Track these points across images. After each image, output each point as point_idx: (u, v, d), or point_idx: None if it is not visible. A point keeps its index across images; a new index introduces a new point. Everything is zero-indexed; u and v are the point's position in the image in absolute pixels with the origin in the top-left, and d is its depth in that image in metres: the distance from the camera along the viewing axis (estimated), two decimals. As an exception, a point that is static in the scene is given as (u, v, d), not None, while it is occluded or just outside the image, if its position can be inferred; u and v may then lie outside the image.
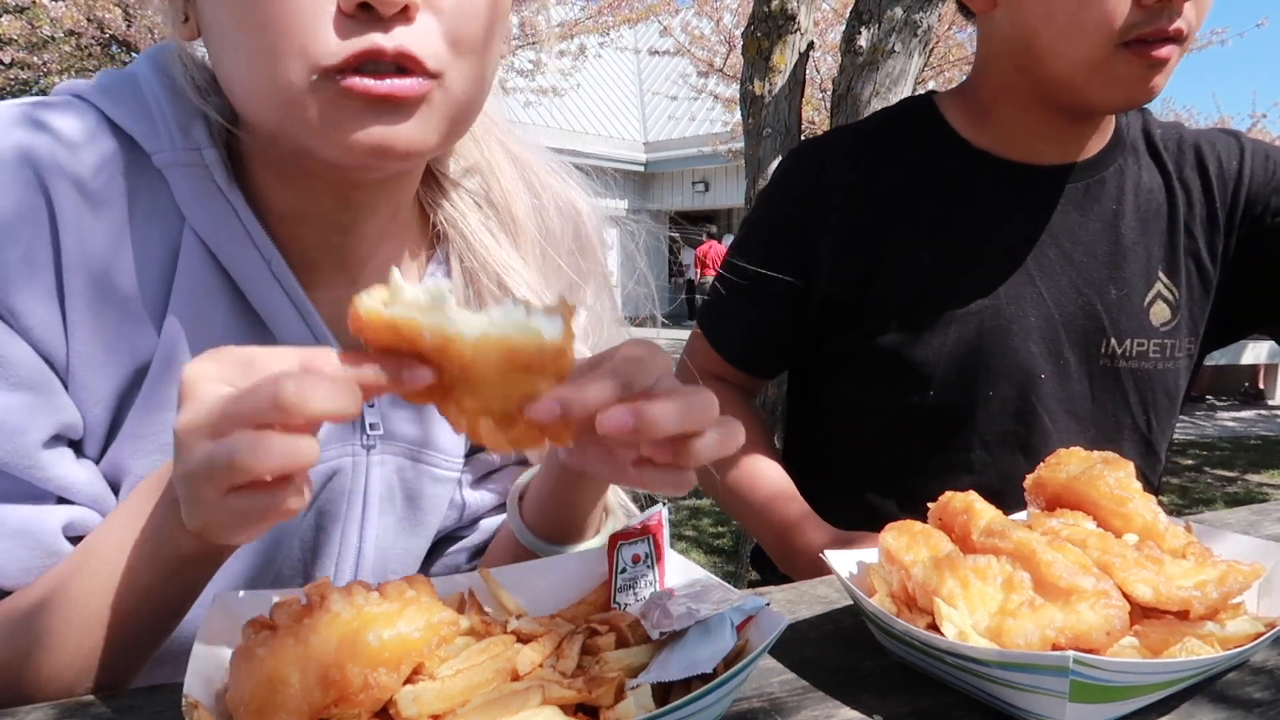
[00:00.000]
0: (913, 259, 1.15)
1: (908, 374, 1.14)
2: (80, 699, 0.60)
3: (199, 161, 0.70)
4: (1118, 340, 1.15)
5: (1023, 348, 1.13)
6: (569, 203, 0.89)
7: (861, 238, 1.16)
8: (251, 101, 0.66)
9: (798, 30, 3.00)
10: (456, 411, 0.53)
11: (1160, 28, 0.99)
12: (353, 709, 0.49)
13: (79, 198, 0.66)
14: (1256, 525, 1.04)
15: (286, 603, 0.53)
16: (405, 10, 0.61)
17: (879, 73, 2.69)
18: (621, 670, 0.54)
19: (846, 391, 1.22)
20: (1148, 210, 1.17)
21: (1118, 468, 0.74)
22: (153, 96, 0.71)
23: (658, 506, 0.70)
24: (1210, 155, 1.20)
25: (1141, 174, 1.18)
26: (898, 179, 1.17)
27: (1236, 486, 5.54)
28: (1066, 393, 1.15)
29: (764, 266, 1.19)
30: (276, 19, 0.60)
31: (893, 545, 0.69)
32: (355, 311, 0.49)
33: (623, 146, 20.77)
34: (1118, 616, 0.59)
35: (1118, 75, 1.03)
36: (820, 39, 8.27)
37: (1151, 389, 1.18)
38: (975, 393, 1.13)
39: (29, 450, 0.64)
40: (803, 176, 1.22)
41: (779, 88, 3.02)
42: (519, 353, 0.50)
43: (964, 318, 1.13)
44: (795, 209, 1.21)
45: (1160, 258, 1.17)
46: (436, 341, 0.50)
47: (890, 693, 0.63)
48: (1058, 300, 1.14)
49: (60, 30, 7.07)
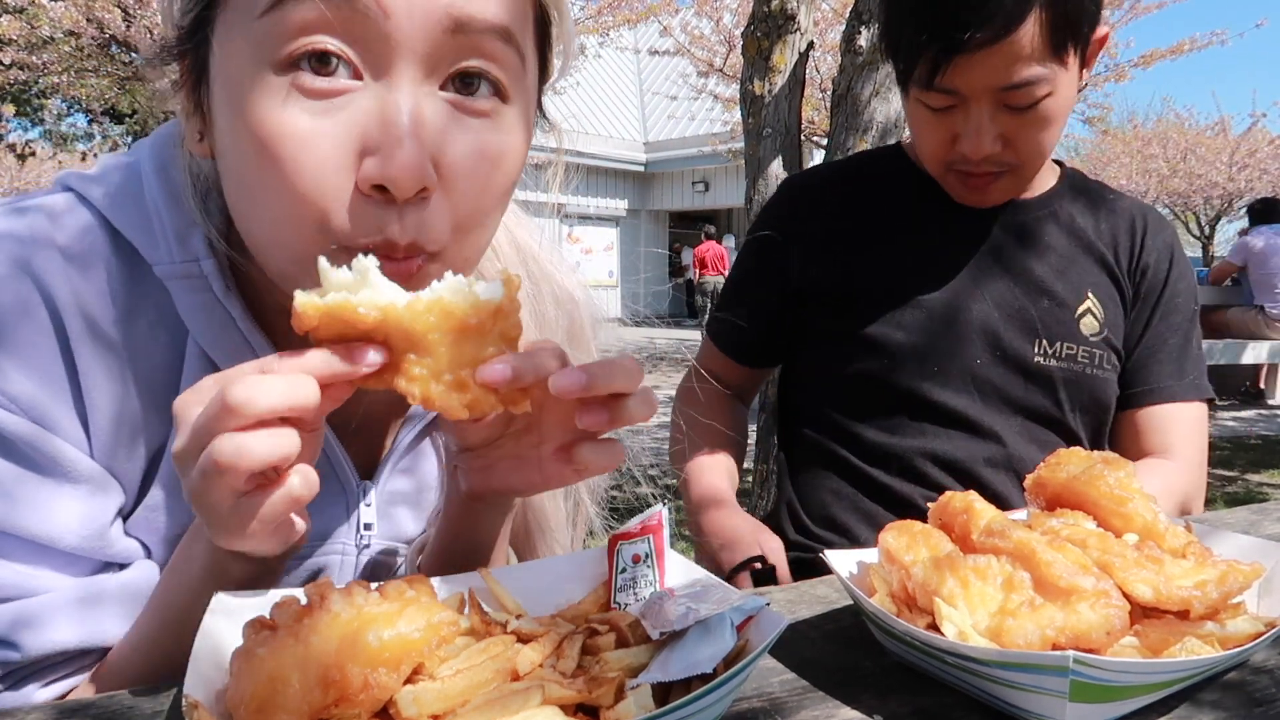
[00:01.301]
0: (877, 262, 1.35)
1: (870, 350, 1.32)
2: (80, 699, 0.60)
3: (197, 273, 0.70)
4: (1049, 341, 1.30)
5: (965, 335, 1.30)
6: (567, 294, 0.91)
7: (832, 248, 1.38)
8: (261, 249, 0.66)
9: (798, 30, 3.00)
10: (407, 382, 0.55)
11: (970, 170, 1.23)
12: (353, 709, 0.49)
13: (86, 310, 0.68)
14: (1256, 525, 1.04)
15: (286, 603, 0.53)
16: (422, 192, 0.60)
17: (879, 73, 2.69)
18: (621, 670, 0.54)
19: (822, 366, 1.40)
20: (1079, 245, 1.35)
21: (1118, 468, 0.74)
22: (153, 203, 0.71)
23: (658, 506, 0.70)
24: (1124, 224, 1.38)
25: (1075, 218, 1.37)
26: (867, 199, 1.40)
27: (1236, 486, 5.53)
28: (1001, 380, 1.30)
29: (751, 276, 1.46)
30: (291, 191, 0.60)
31: (893, 545, 0.69)
32: (295, 309, 0.53)
33: (623, 146, 20.78)
34: (1118, 616, 0.59)
35: (953, 188, 1.30)
36: (820, 39, 8.27)
37: (1080, 391, 1.31)
38: (925, 367, 1.30)
39: (100, 531, 0.69)
40: (779, 202, 1.48)
41: (779, 88, 3.02)
42: (454, 312, 0.53)
43: (917, 304, 1.32)
44: (764, 230, 1.46)
45: (1090, 282, 1.34)
46: (373, 315, 0.52)
47: (890, 693, 0.63)
48: (997, 301, 1.32)
49: (60, 30, 7.07)
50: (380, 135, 0.59)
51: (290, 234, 0.61)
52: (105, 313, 0.68)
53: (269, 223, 0.63)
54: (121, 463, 0.70)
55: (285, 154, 0.59)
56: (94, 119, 14.37)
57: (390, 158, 0.58)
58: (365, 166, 0.59)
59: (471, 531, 0.75)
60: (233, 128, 0.62)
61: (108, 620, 0.68)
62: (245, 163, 0.62)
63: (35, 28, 7.11)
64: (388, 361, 0.55)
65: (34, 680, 0.67)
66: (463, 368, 0.55)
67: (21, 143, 15.04)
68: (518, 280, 0.55)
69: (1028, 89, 1.14)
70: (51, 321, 0.67)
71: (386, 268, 0.59)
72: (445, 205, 0.63)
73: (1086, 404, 1.32)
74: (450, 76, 0.62)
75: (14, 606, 0.65)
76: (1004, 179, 1.25)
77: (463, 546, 0.75)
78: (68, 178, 0.73)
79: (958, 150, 1.21)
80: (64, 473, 0.67)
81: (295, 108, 0.59)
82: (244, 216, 0.66)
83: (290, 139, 0.59)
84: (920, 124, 1.25)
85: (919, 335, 1.30)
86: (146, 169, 0.73)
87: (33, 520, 0.65)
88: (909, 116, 1.29)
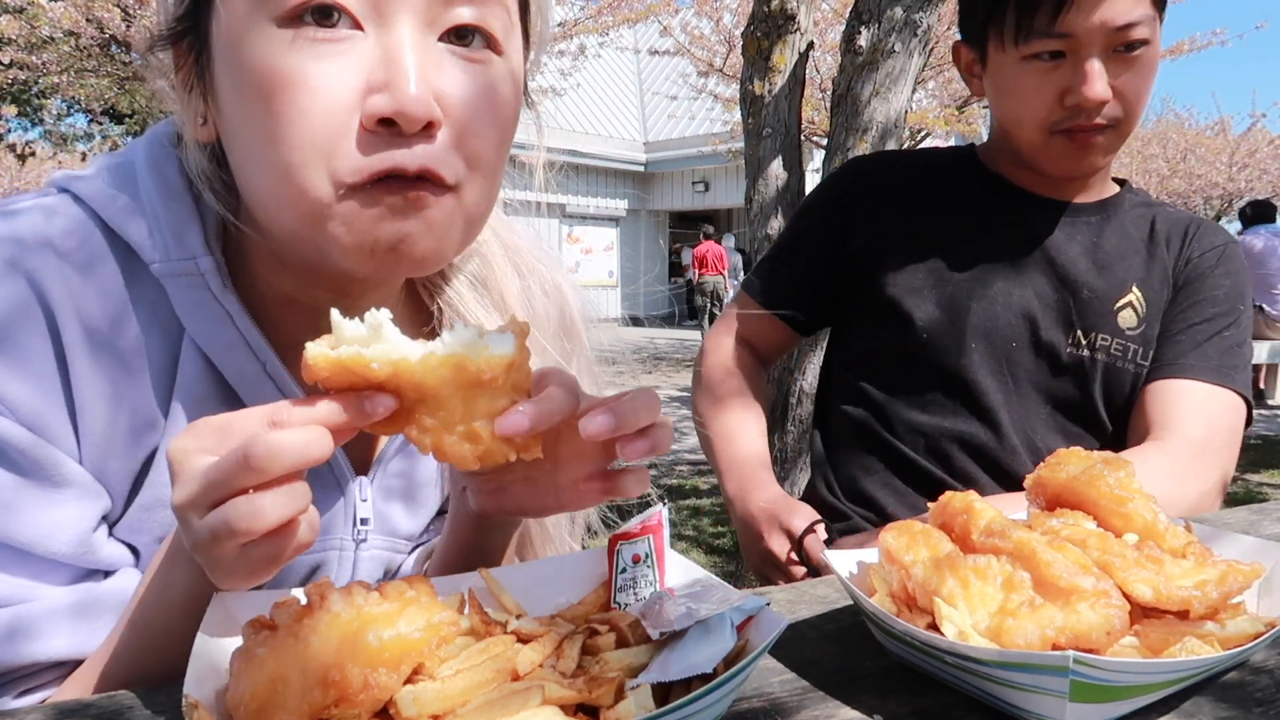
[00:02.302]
0: (927, 241, 1.40)
1: (908, 326, 1.36)
2: (80, 699, 0.60)
3: (194, 270, 0.70)
4: (1083, 331, 1.33)
5: (1003, 316, 1.34)
6: (554, 285, 0.92)
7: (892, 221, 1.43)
8: (271, 211, 0.66)
9: (798, 30, 3.00)
10: (419, 432, 0.55)
11: (1081, 124, 1.26)
12: (353, 709, 0.49)
13: (79, 308, 0.67)
14: (1256, 525, 1.04)
15: (286, 603, 0.53)
16: (428, 127, 0.62)
17: (879, 72, 2.69)
18: (621, 670, 0.54)
19: (862, 339, 1.45)
20: (1130, 244, 1.38)
21: (1118, 468, 0.74)
22: (148, 200, 0.71)
23: (658, 506, 0.70)
24: (1177, 239, 1.39)
25: (1129, 224, 1.40)
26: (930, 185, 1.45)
27: (1236, 486, 5.53)
28: (1035, 366, 1.34)
29: (810, 232, 1.52)
30: (299, 135, 0.61)
31: (893, 545, 0.69)
32: (306, 361, 0.52)
33: (623, 146, 20.78)
34: (1118, 616, 0.59)
35: (1054, 154, 1.31)
36: (820, 39, 8.27)
37: (1113, 383, 1.33)
38: (961, 342, 1.34)
39: (85, 538, 0.68)
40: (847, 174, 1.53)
41: (779, 87, 3.02)
42: (467, 367, 0.53)
43: (957, 283, 1.36)
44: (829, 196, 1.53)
45: (1136, 278, 1.36)
46: (385, 369, 0.52)
47: (890, 693, 0.63)
48: (1038, 290, 1.35)
49: (59, 30, 7.06)
50: (386, 73, 0.61)
51: (301, 183, 0.62)
52: (101, 312, 0.68)
53: (278, 178, 0.63)
54: (113, 464, 0.70)
55: (292, 96, 0.60)
56: (94, 119, 14.38)
57: (398, 90, 0.60)
58: (373, 102, 0.61)
59: (481, 547, 0.75)
60: (237, 86, 0.63)
61: (103, 631, 0.67)
62: (252, 116, 0.62)
63: (35, 28, 7.11)
64: (399, 409, 0.54)
65: (9, 690, 0.66)
66: (475, 420, 0.55)
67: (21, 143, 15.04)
68: (526, 326, 0.56)
69: (1138, 28, 1.21)
70: (46, 324, 0.66)
71: (396, 199, 0.62)
72: (450, 140, 0.64)
73: (1115, 396, 1.33)
74: (447, 31, 0.64)
75: (7, 613, 0.65)
76: (1107, 135, 1.28)
77: (471, 560, 0.75)
78: (60, 179, 0.73)
79: (1068, 105, 1.24)
80: (57, 479, 0.67)
81: (300, 53, 0.60)
82: (252, 180, 0.66)
83: (297, 82, 0.60)
84: (1025, 88, 1.28)
85: (957, 315, 1.34)
86: (141, 167, 0.73)
87: (27, 529, 0.65)
88: (1006, 87, 1.31)
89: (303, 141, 0.61)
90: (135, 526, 0.72)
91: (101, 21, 6.76)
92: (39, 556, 0.66)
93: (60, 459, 0.66)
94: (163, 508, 0.72)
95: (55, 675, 0.68)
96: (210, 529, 0.51)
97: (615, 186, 21.22)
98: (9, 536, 0.65)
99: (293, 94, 0.60)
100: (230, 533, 0.50)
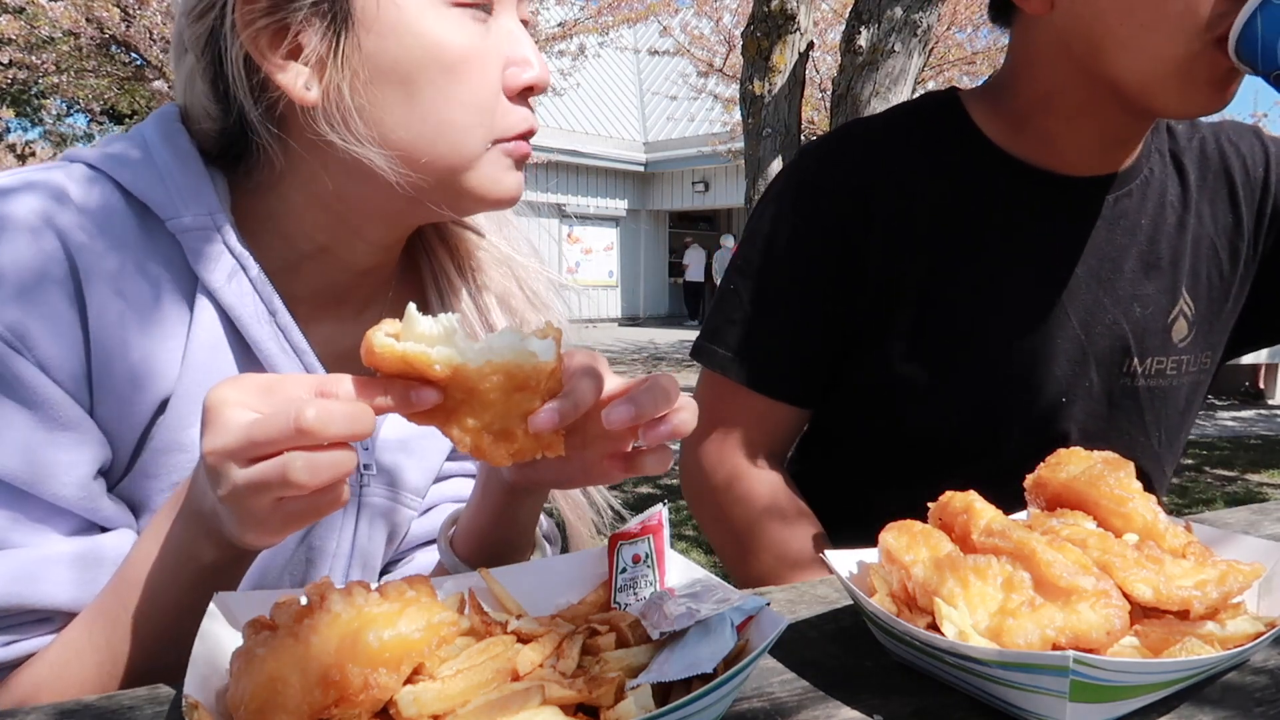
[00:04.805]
0: (947, 278, 1.08)
1: (926, 409, 1.10)
2: (80, 699, 0.60)
3: (210, 225, 0.74)
4: (1140, 359, 1.11)
5: (1047, 377, 1.08)
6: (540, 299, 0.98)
7: (906, 240, 1.08)
8: (425, 150, 0.74)
9: (798, 30, 3.01)
10: (460, 431, 0.58)
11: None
12: (353, 709, 0.49)
13: (100, 260, 0.70)
14: (1256, 525, 1.04)
15: (286, 603, 0.53)
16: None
17: (879, 72, 2.69)
18: (621, 670, 0.54)
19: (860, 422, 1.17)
20: (1171, 224, 1.12)
21: (1118, 468, 0.74)
22: (162, 163, 0.75)
23: (658, 506, 0.70)
24: (1235, 161, 1.16)
25: (1167, 184, 1.13)
26: (935, 183, 1.10)
27: (1236, 486, 5.53)
28: (1085, 414, 1.11)
29: (794, 273, 1.12)
30: (470, 98, 0.73)
31: (893, 545, 0.69)
32: (369, 346, 0.54)
33: (622, 146, 20.76)
34: (1118, 616, 0.59)
35: (1196, 78, 0.94)
36: (820, 39, 8.27)
37: (1166, 406, 1.15)
38: (996, 431, 1.09)
39: (86, 483, 0.69)
40: (835, 169, 1.13)
41: (779, 88, 3.03)
42: (517, 375, 0.56)
43: (993, 359, 1.08)
44: (827, 205, 1.11)
45: (1185, 271, 1.12)
46: (445, 370, 0.55)
47: (891, 693, 0.63)
48: (1085, 321, 1.09)
49: (59, 30, 7.07)
50: (518, 50, 0.76)
51: (461, 138, 0.74)
52: (118, 264, 0.71)
53: (438, 134, 0.73)
54: (123, 411, 0.72)
55: (468, 66, 0.73)
56: (94, 119, 14.38)
57: (535, 65, 0.76)
58: (516, 75, 0.75)
59: (511, 517, 0.78)
60: (408, 53, 0.71)
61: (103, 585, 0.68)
62: (423, 80, 0.72)
63: (35, 28, 7.12)
64: (442, 404, 0.57)
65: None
66: (511, 420, 0.58)
67: (21, 143, 15.05)
68: (560, 333, 0.59)
69: None
70: (71, 276, 0.69)
71: (523, 153, 0.78)
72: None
73: (1169, 418, 1.17)
74: None
75: (11, 554, 0.66)
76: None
77: (502, 531, 0.78)
78: (71, 153, 0.77)
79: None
80: (63, 420, 0.68)
81: (470, 32, 0.73)
82: (419, 122, 0.73)
83: (472, 56, 0.73)
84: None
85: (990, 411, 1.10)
86: (153, 137, 0.77)
87: (48, 481, 0.67)
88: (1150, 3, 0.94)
89: (471, 104, 0.73)
90: (148, 471, 0.74)
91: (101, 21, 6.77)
92: (45, 501, 0.68)
93: (63, 399, 0.68)
94: (180, 451, 0.73)
95: (48, 630, 0.68)
96: (251, 479, 0.53)
97: (615, 186, 21.21)
98: (34, 487, 0.67)
99: (469, 65, 0.72)
100: (283, 484, 0.52)
